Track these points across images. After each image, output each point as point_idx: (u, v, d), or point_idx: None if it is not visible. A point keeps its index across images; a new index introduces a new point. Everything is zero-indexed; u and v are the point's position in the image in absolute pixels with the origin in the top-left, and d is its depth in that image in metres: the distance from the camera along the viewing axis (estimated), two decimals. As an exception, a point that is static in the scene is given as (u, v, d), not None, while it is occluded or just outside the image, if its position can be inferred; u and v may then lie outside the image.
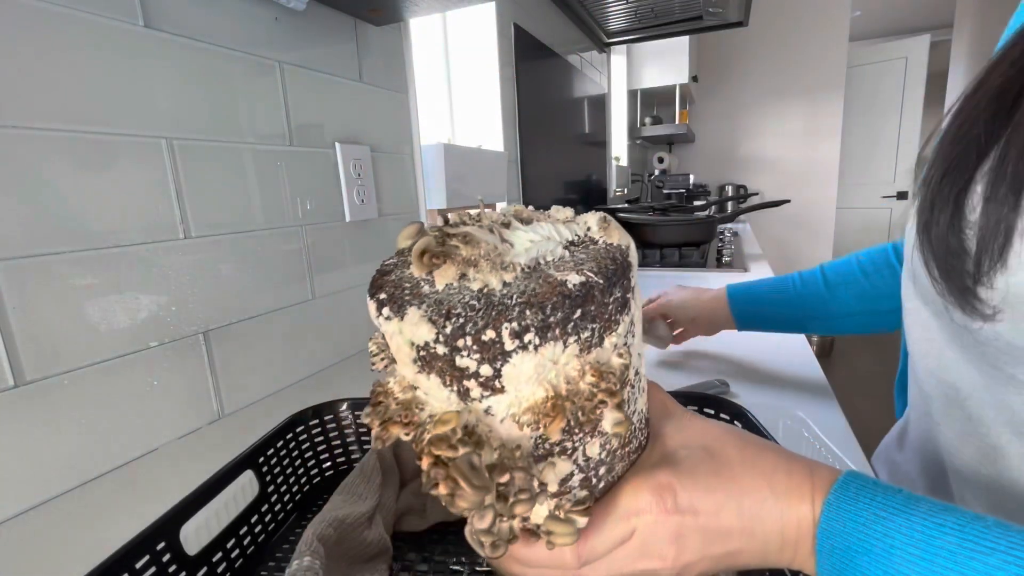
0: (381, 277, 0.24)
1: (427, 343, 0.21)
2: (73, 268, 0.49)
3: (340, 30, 0.80)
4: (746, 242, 1.98)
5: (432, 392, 0.22)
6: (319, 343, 0.79)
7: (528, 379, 0.21)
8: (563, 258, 0.24)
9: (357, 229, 0.85)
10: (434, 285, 0.22)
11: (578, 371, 0.22)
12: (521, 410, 0.21)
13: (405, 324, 0.21)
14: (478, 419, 0.22)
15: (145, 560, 0.31)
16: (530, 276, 0.22)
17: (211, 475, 0.38)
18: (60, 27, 0.47)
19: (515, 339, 0.20)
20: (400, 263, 0.26)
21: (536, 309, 0.20)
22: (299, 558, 0.32)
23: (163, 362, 0.57)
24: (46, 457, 0.48)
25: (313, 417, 0.49)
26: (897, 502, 0.22)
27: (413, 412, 0.23)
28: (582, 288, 0.21)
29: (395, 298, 0.22)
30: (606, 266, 0.22)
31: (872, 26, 4.52)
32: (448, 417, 0.21)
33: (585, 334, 0.21)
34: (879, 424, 2.33)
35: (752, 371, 0.73)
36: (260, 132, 0.67)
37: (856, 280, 0.63)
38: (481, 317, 0.20)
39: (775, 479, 0.25)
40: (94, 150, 0.50)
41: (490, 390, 0.21)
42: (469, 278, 0.22)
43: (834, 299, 0.64)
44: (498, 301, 0.20)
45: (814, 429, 0.48)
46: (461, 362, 0.20)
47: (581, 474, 0.24)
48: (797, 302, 0.67)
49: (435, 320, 0.20)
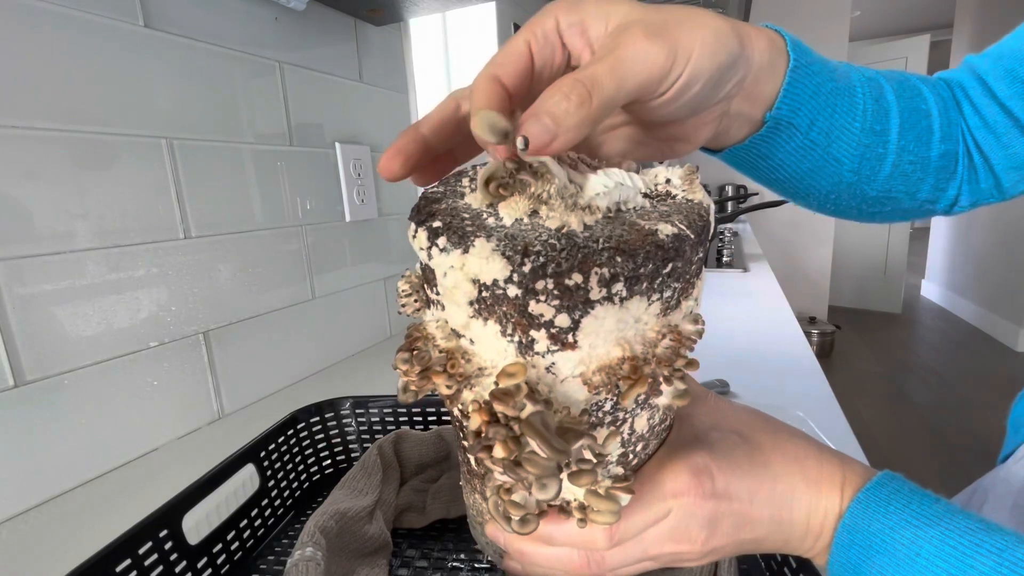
0: (430, 204, 0.21)
1: (495, 281, 0.18)
2: (73, 268, 0.49)
3: (340, 30, 0.80)
4: (746, 242, 1.98)
5: (484, 341, 0.19)
6: (319, 343, 0.79)
7: (607, 335, 0.19)
8: (645, 208, 0.21)
9: (357, 229, 0.85)
10: (500, 218, 0.19)
11: (656, 332, 0.20)
12: (592, 369, 0.19)
13: (471, 257, 0.18)
14: (539, 377, 0.19)
15: (148, 546, 0.32)
16: (613, 221, 0.20)
17: (213, 467, 0.38)
18: (60, 27, 0.47)
19: (603, 287, 0.17)
20: (449, 192, 0.22)
21: (627, 257, 0.18)
22: (301, 548, 0.32)
23: (163, 362, 0.57)
24: (46, 457, 0.48)
25: (315, 414, 0.49)
26: (933, 513, 0.21)
27: (458, 362, 0.20)
28: (675, 240, 0.19)
29: (454, 227, 0.19)
30: (695, 221, 0.20)
31: (872, 26, 4.53)
32: (514, 369, 0.18)
33: (667, 293, 0.19)
34: (879, 424, 2.32)
35: (752, 371, 0.73)
36: (260, 132, 0.67)
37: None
38: (565, 258, 0.17)
39: (807, 465, 0.25)
40: (94, 150, 0.50)
41: (560, 344, 0.18)
42: (542, 215, 0.19)
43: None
44: (583, 243, 0.18)
45: (814, 429, 0.49)
46: (535, 308, 0.18)
47: (621, 448, 0.22)
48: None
49: (510, 256, 0.17)
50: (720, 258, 1.60)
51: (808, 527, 0.24)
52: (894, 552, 0.21)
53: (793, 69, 0.28)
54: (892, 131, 0.32)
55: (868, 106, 0.32)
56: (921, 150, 0.34)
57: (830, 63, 0.31)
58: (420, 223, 0.20)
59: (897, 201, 0.36)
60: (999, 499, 0.47)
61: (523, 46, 0.22)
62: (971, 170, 0.36)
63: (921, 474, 2.02)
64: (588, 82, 0.19)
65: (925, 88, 0.35)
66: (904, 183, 0.35)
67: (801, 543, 0.24)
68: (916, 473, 1.99)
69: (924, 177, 0.35)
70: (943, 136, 0.34)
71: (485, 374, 0.20)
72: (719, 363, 0.77)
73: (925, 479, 1.96)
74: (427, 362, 0.20)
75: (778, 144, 0.31)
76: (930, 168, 0.35)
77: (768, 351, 0.79)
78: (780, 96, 0.29)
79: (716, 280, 1.32)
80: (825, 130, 0.31)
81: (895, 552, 0.21)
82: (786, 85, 0.28)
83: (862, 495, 0.23)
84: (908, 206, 0.37)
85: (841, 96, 0.31)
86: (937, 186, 0.35)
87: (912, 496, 0.22)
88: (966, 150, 0.36)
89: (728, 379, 0.68)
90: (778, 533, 0.24)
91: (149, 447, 0.56)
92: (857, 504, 0.23)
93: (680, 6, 0.23)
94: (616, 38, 0.21)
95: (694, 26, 0.22)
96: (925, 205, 0.37)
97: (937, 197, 0.36)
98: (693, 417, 0.27)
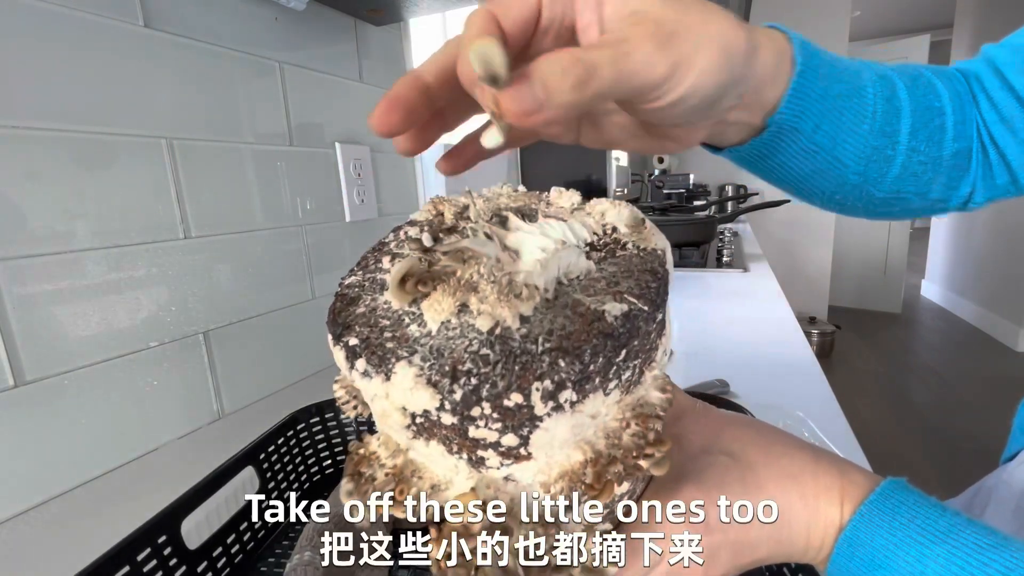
0: (346, 307, 0.19)
1: (427, 411, 0.16)
2: (73, 268, 0.49)
3: (340, 30, 0.80)
4: (746, 242, 1.98)
5: (432, 459, 0.18)
6: (319, 343, 0.79)
7: (563, 443, 0.17)
8: (590, 273, 0.19)
9: (357, 229, 0.85)
10: (423, 323, 0.17)
11: (619, 421, 0.18)
12: (553, 478, 0.17)
13: (394, 387, 0.16)
14: (497, 489, 0.17)
15: (147, 552, 0.32)
16: (553, 305, 0.17)
17: (212, 470, 0.38)
18: (60, 27, 0.47)
19: (548, 400, 0.15)
20: (369, 283, 0.20)
21: (572, 358, 0.15)
22: (300, 553, 0.32)
23: (163, 362, 0.57)
24: (46, 457, 0.48)
25: (315, 414, 0.49)
26: (939, 528, 0.21)
27: (409, 483, 0.18)
28: (626, 322, 0.17)
29: (372, 345, 0.17)
30: (647, 284, 0.18)
31: (872, 26, 4.52)
32: (464, 499, 0.17)
33: (627, 374, 0.17)
34: (879, 424, 2.31)
35: (752, 371, 0.73)
36: (260, 132, 0.67)
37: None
38: (500, 375, 0.15)
39: (802, 481, 0.24)
40: (94, 150, 0.50)
41: (513, 459, 0.17)
42: (472, 311, 0.17)
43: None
44: (519, 348, 0.16)
45: (814, 429, 0.49)
46: (476, 433, 0.16)
47: (607, 509, 0.21)
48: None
49: (437, 382, 0.15)
50: (720, 258, 1.60)
51: (808, 542, 0.24)
52: (898, 569, 0.21)
53: (800, 73, 0.28)
54: (903, 132, 0.32)
55: (879, 107, 0.31)
56: (933, 150, 0.33)
57: (841, 62, 0.30)
58: (337, 338, 0.18)
59: (906, 201, 0.35)
60: (1002, 502, 0.47)
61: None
62: (986, 167, 0.35)
63: (921, 474, 2.02)
64: (589, 66, 0.17)
65: (939, 83, 0.34)
66: (914, 183, 0.34)
67: (803, 556, 0.24)
68: (916, 473, 1.99)
69: (935, 177, 0.34)
70: (956, 135, 0.33)
71: (441, 489, 0.18)
72: (719, 363, 0.77)
73: (925, 479, 1.95)
74: (372, 490, 0.18)
75: (780, 147, 0.31)
76: (942, 168, 0.33)
77: (768, 351, 0.79)
78: (785, 101, 0.28)
79: (716, 280, 1.32)
80: (831, 133, 0.30)
81: (899, 569, 0.21)
82: (792, 89, 0.28)
83: (864, 508, 0.22)
84: (918, 206, 0.36)
85: (850, 98, 0.30)
86: (949, 185, 0.34)
87: (918, 509, 0.22)
88: (981, 146, 0.34)
89: (728, 379, 0.68)
90: (778, 550, 0.24)
91: (149, 447, 0.56)
92: (860, 518, 0.22)
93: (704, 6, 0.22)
94: (627, 30, 0.20)
95: (704, 39, 0.21)
96: (937, 204, 0.36)
97: (949, 196, 0.35)
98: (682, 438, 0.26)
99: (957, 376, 2.93)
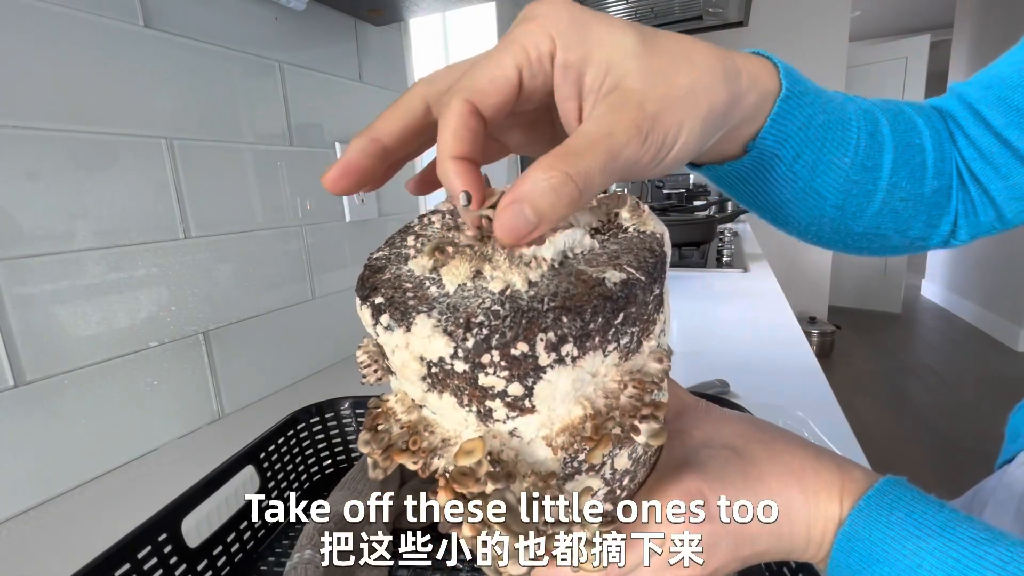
0: (373, 275, 0.21)
1: (442, 359, 0.17)
2: (73, 268, 0.49)
3: (340, 30, 0.80)
4: (746, 242, 1.98)
5: (444, 412, 0.19)
6: (319, 343, 0.79)
7: (564, 396, 0.18)
8: (593, 250, 0.21)
9: (357, 229, 0.85)
10: (442, 285, 0.19)
11: (618, 382, 0.19)
12: (555, 431, 0.19)
13: (413, 337, 0.18)
14: (503, 443, 0.19)
15: (147, 550, 0.32)
16: (559, 273, 0.19)
17: (212, 469, 0.38)
18: (60, 27, 0.47)
19: (551, 352, 0.17)
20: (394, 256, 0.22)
21: (574, 315, 0.17)
22: (300, 551, 0.32)
23: (163, 362, 0.57)
24: (46, 457, 0.48)
25: (315, 414, 0.49)
26: (936, 522, 0.21)
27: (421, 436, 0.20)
28: (624, 288, 0.18)
29: (396, 302, 0.19)
30: (645, 259, 0.20)
31: (872, 26, 4.53)
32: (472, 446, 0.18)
33: (625, 339, 0.19)
34: (879, 424, 2.31)
35: (752, 371, 0.73)
36: (260, 132, 0.67)
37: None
38: (509, 327, 0.17)
39: (803, 476, 0.24)
40: (94, 150, 0.50)
41: (518, 410, 0.18)
42: (485, 276, 0.19)
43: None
44: (527, 306, 0.17)
45: (814, 429, 0.49)
46: (485, 380, 0.17)
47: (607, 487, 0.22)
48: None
49: (452, 332, 0.17)
50: (720, 258, 1.60)
51: (809, 537, 0.24)
52: (895, 562, 0.21)
53: (784, 99, 0.27)
54: (884, 167, 0.32)
55: (862, 141, 0.31)
56: (914, 187, 0.33)
57: (825, 94, 0.30)
58: (364, 299, 0.20)
59: (886, 238, 0.35)
60: (1001, 504, 0.47)
61: (512, 72, 0.20)
62: (968, 203, 0.35)
63: (920, 474, 2.02)
64: (581, 180, 0.18)
65: (920, 120, 0.34)
66: (894, 220, 0.34)
67: (804, 552, 0.24)
68: (915, 473, 1.99)
69: (916, 214, 0.34)
70: (936, 172, 0.33)
71: (450, 444, 0.19)
72: (719, 363, 0.77)
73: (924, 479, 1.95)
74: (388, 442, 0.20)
75: (758, 173, 0.31)
76: (922, 205, 0.34)
77: (768, 351, 0.79)
78: (766, 127, 0.28)
79: (716, 280, 1.32)
80: (811, 164, 0.30)
81: (896, 562, 0.21)
82: (774, 115, 0.28)
83: (863, 503, 0.23)
84: (898, 243, 0.36)
85: (833, 129, 0.30)
86: (929, 223, 0.35)
87: (915, 504, 0.22)
88: (961, 183, 0.35)
89: (728, 379, 0.68)
90: (778, 546, 0.24)
91: (149, 447, 0.56)
92: (858, 512, 0.23)
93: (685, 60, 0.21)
94: (610, 120, 0.19)
95: (690, 109, 0.21)
96: (916, 242, 0.36)
97: (929, 234, 0.35)
98: (683, 433, 0.26)
99: (957, 376, 2.93)
